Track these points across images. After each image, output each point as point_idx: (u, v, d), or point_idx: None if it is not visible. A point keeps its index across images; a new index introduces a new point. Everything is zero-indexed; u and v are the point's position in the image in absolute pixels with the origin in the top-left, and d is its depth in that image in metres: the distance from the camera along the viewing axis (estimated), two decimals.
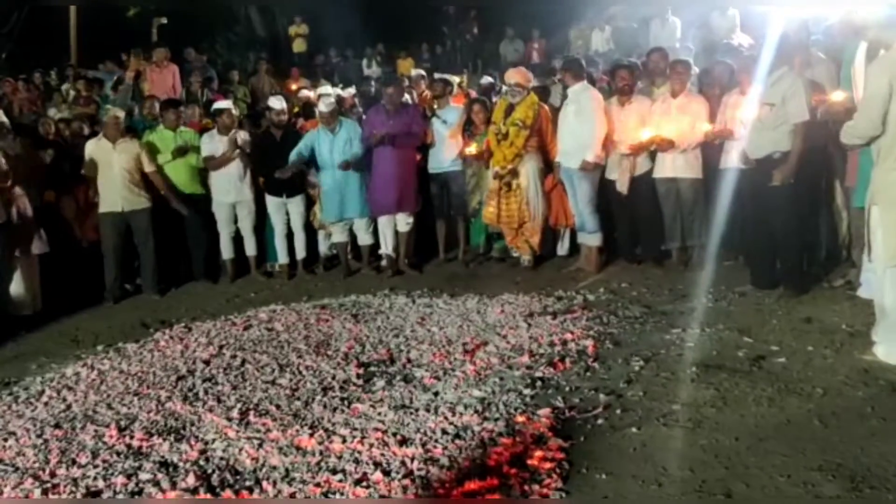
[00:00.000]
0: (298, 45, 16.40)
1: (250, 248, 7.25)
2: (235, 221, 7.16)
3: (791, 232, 5.21)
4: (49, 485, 3.24)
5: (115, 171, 6.65)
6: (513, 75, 6.65)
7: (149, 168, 6.80)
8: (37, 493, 3.17)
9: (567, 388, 3.94)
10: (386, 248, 7.06)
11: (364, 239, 7.10)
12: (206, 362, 4.76)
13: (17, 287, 6.14)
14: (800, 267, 5.34)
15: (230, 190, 7.05)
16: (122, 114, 7.04)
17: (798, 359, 4.13)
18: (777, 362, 4.10)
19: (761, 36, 5.47)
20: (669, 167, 6.09)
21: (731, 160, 5.62)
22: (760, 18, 8.68)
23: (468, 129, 6.93)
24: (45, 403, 4.26)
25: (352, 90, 8.73)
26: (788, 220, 5.18)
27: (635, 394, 3.81)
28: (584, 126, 6.17)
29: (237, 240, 7.25)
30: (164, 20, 12.15)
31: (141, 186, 6.76)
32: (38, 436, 3.78)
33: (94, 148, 6.75)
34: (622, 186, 6.21)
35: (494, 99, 7.52)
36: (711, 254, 5.93)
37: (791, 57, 5.15)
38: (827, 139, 5.08)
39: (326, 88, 8.55)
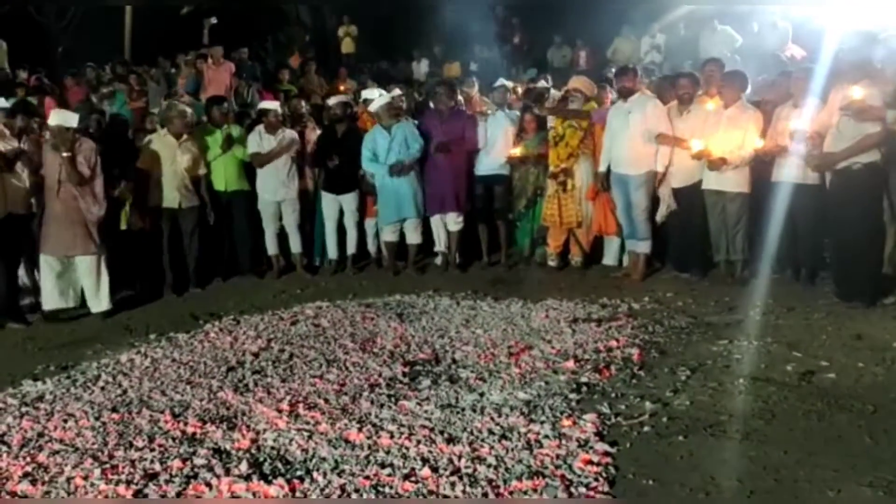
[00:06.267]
0: (347, 46, 16.52)
1: (295, 246, 7.32)
2: (280, 219, 7.26)
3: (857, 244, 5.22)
4: (108, 466, 3.35)
5: (175, 168, 6.63)
6: (575, 82, 7.00)
7: (202, 171, 6.83)
8: (97, 472, 3.28)
9: (613, 395, 3.96)
10: (440, 245, 7.14)
11: (412, 238, 7.11)
12: (256, 355, 4.86)
13: (87, 285, 6.07)
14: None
15: (276, 188, 7.08)
16: (190, 110, 6.94)
17: (848, 375, 4.10)
18: (826, 378, 4.08)
19: (815, 49, 5.42)
20: (716, 180, 6.02)
21: (784, 174, 5.58)
22: (813, 31, 8.59)
23: (518, 133, 6.98)
24: (102, 388, 4.38)
25: (398, 92, 8.70)
26: (856, 233, 5.18)
27: (682, 403, 3.81)
28: (652, 135, 6.19)
29: (282, 237, 7.34)
30: (215, 20, 12.30)
31: (194, 184, 6.80)
32: (97, 418, 3.90)
33: (158, 142, 6.71)
34: (661, 216, 6.35)
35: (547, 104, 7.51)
36: (760, 267, 5.88)
37: (852, 72, 5.12)
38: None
39: (373, 91, 8.54)
